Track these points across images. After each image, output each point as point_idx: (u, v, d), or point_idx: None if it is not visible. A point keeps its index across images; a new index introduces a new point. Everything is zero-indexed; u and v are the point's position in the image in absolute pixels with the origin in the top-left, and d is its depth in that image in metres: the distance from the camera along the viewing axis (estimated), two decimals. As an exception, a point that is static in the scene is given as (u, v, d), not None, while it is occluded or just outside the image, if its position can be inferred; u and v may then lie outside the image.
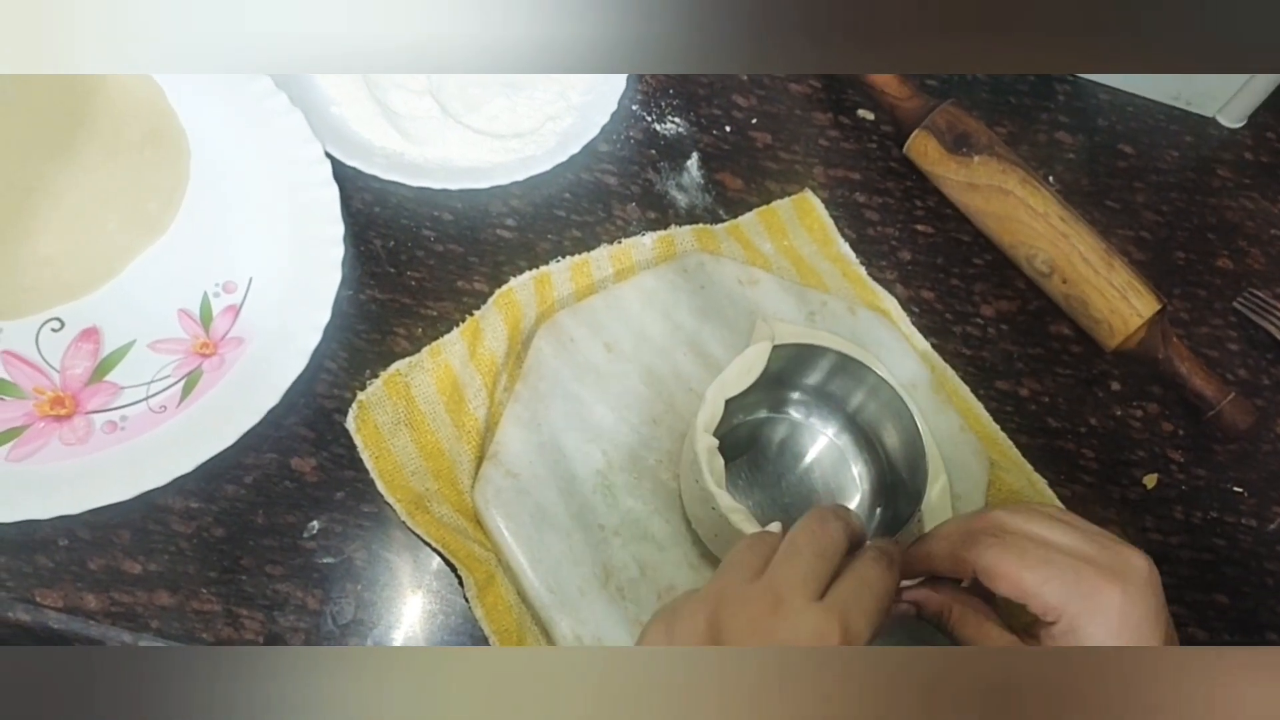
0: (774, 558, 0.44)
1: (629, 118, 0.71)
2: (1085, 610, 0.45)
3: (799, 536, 0.45)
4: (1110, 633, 0.44)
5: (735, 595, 0.43)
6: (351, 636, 0.54)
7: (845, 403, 0.59)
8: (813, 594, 0.43)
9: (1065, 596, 0.45)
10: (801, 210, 0.70)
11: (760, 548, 0.45)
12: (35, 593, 0.52)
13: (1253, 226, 0.77)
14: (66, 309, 0.58)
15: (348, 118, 0.66)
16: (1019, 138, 0.77)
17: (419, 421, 0.58)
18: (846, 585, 0.44)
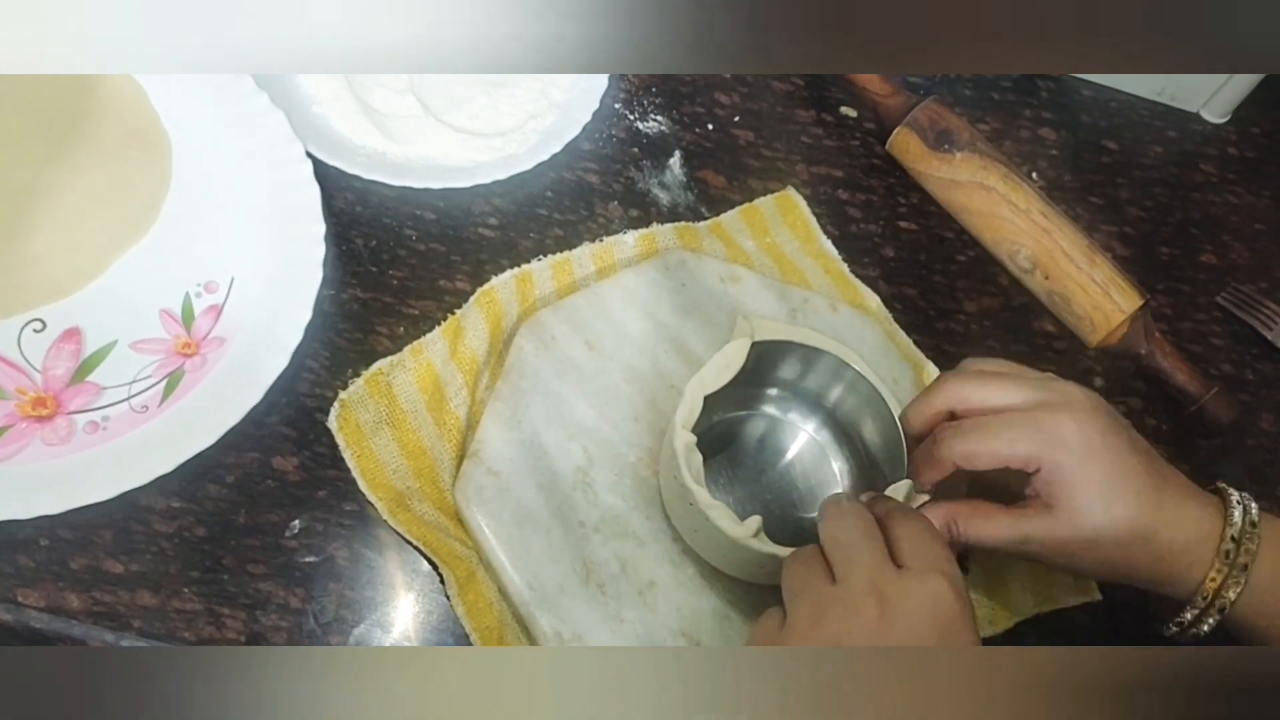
0: (834, 565, 0.46)
1: (611, 116, 0.72)
2: (1051, 447, 0.50)
3: (838, 534, 0.47)
4: (1077, 456, 0.50)
5: (833, 607, 0.44)
6: (333, 635, 0.54)
7: (824, 398, 0.59)
8: (894, 571, 0.45)
9: (1033, 444, 0.51)
10: (784, 208, 0.70)
11: (813, 565, 0.47)
12: (17, 592, 0.52)
13: (1237, 221, 0.77)
14: (48, 309, 0.58)
15: (329, 117, 0.66)
16: (1002, 134, 0.77)
17: (401, 420, 0.58)
18: (909, 547, 0.46)
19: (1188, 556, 0.51)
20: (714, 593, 0.56)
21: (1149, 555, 0.51)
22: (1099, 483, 0.50)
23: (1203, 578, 0.51)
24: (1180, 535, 0.51)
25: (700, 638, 0.55)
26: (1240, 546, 0.51)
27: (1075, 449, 0.50)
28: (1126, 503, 0.50)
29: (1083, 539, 0.51)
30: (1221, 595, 0.51)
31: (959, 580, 0.45)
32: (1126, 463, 0.51)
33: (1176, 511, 0.52)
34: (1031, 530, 0.51)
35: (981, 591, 0.59)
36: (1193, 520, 0.52)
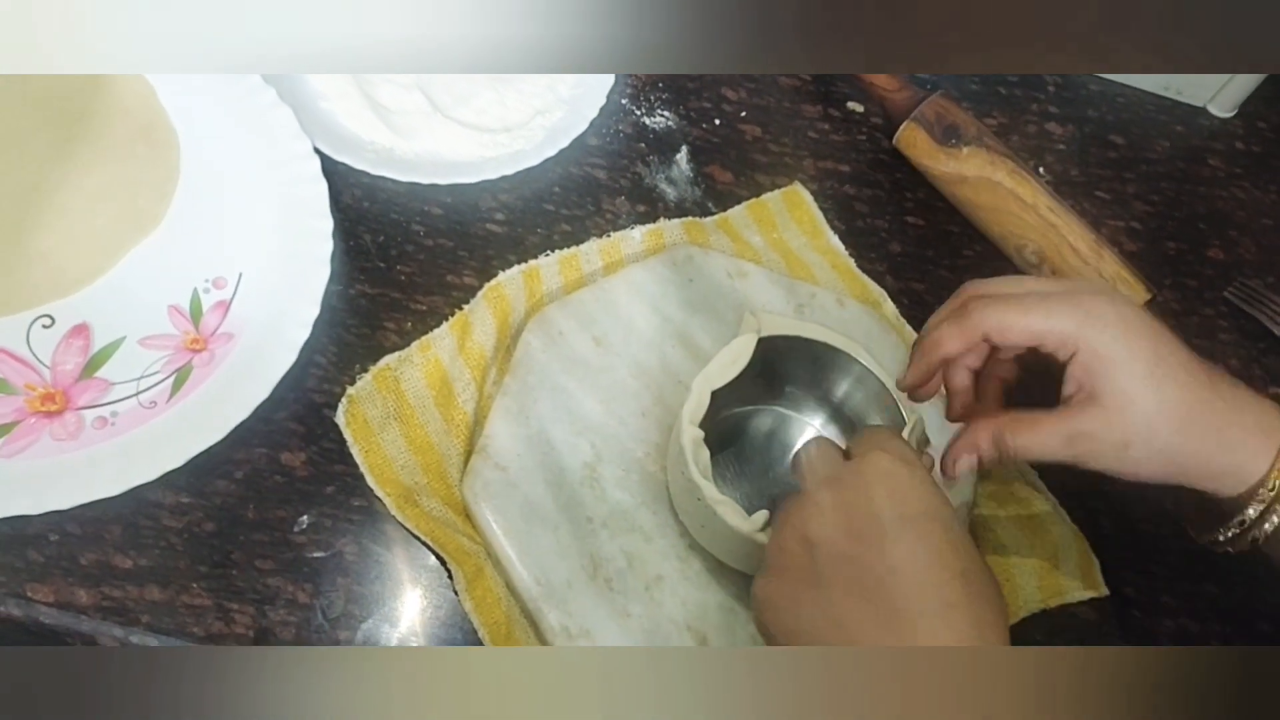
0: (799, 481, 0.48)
1: (618, 111, 0.72)
2: (1092, 328, 0.48)
3: (802, 458, 0.49)
4: (1117, 333, 0.47)
5: (796, 508, 0.47)
6: (342, 630, 0.54)
7: (831, 393, 0.59)
8: (843, 462, 0.48)
9: (1072, 322, 0.48)
10: (791, 203, 0.70)
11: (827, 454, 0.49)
12: (27, 587, 0.53)
13: (1244, 216, 0.77)
14: (57, 305, 0.58)
15: (337, 113, 0.67)
16: (1009, 129, 0.77)
17: (408, 415, 0.58)
18: (856, 445, 0.49)
19: (1250, 442, 0.48)
20: (720, 587, 0.56)
21: (1210, 441, 0.48)
22: (1145, 360, 0.47)
23: (1269, 467, 0.47)
24: (1240, 419, 0.48)
25: (707, 632, 0.55)
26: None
27: (1114, 326, 0.47)
28: (1178, 380, 0.47)
29: (1137, 426, 0.47)
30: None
31: (905, 453, 0.47)
32: (1169, 343, 0.48)
33: (1232, 394, 0.48)
34: (1082, 426, 0.48)
35: (988, 586, 0.59)
36: (1251, 405, 0.48)
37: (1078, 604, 0.60)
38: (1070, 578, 0.60)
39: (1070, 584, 0.60)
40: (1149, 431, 0.47)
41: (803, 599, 0.45)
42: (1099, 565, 0.61)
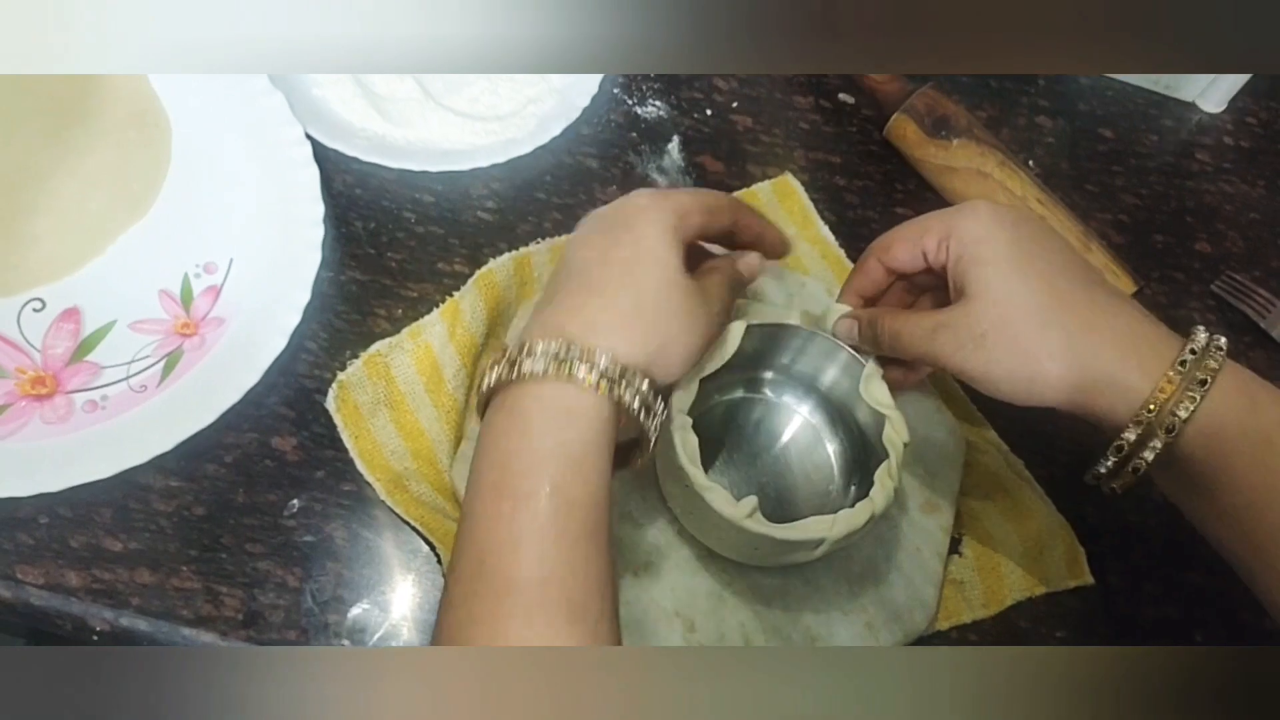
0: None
1: (610, 101, 0.72)
2: (962, 222, 0.49)
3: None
4: (986, 225, 0.48)
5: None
6: (331, 614, 0.55)
7: (818, 381, 0.59)
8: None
9: (944, 221, 0.50)
10: (782, 193, 0.71)
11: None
12: (17, 569, 0.53)
13: (1231, 210, 0.78)
14: (48, 289, 0.58)
15: (329, 99, 0.67)
16: (999, 121, 0.78)
17: (398, 401, 0.58)
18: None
19: (1128, 354, 0.45)
20: (709, 573, 0.56)
21: (1076, 346, 0.45)
22: (1009, 249, 0.47)
23: (1152, 387, 0.45)
24: (1120, 330, 0.46)
25: (695, 618, 0.55)
26: (1201, 362, 0.45)
27: (984, 220, 0.48)
28: (1044, 272, 0.46)
29: (993, 314, 0.46)
30: (1172, 412, 0.44)
31: (663, 192, 0.50)
32: (1044, 237, 0.48)
33: (1111, 304, 0.46)
34: (944, 317, 0.48)
35: (974, 575, 0.60)
36: (1136, 320, 0.46)
37: (1063, 592, 0.61)
38: (1056, 567, 0.60)
39: (1056, 573, 0.60)
40: (1004, 321, 0.46)
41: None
42: (1085, 554, 0.61)
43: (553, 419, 0.44)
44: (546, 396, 0.44)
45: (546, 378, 0.44)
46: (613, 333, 0.45)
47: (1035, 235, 0.48)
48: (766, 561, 0.55)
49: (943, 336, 0.48)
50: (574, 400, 0.44)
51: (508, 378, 0.45)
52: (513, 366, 0.44)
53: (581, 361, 0.44)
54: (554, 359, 0.44)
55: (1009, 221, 0.49)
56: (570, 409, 0.44)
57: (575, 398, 0.44)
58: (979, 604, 0.60)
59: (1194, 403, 0.45)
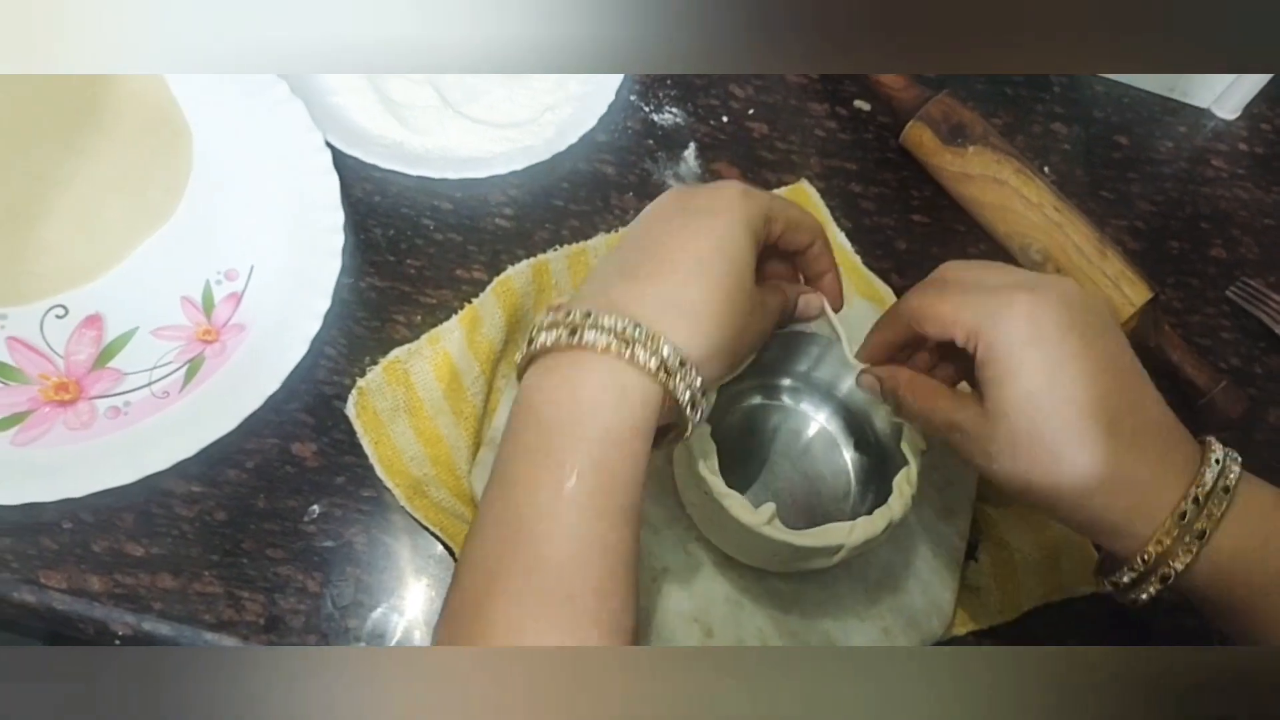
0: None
1: (627, 108, 0.72)
2: (996, 321, 0.46)
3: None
4: (1019, 338, 0.45)
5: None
6: (351, 619, 0.55)
7: (836, 388, 0.60)
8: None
9: (979, 314, 0.46)
10: (798, 200, 0.71)
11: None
12: (40, 574, 0.53)
13: (1246, 216, 0.78)
14: (71, 296, 0.59)
15: (348, 107, 0.67)
16: (1014, 128, 0.78)
17: (418, 408, 0.59)
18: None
19: (1136, 505, 0.45)
20: (726, 580, 0.56)
21: (1080, 492, 0.45)
22: (1036, 374, 0.45)
23: (1148, 538, 0.45)
24: (1131, 476, 0.45)
25: (712, 624, 0.55)
26: (1202, 511, 0.44)
27: (1020, 330, 0.45)
28: (1066, 411, 0.44)
29: (1005, 441, 0.45)
30: (1168, 563, 0.45)
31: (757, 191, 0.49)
32: (1081, 366, 0.45)
33: (1134, 443, 0.45)
34: (959, 416, 0.47)
35: (990, 581, 0.60)
36: (1153, 462, 0.45)
37: (1079, 599, 0.61)
38: (1073, 573, 0.61)
39: (1073, 579, 0.61)
40: (1013, 450, 0.45)
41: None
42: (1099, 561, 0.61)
43: (605, 395, 0.43)
44: (603, 371, 0.43)
45: (607, 351, 0.43)
46: (680, 323, 0.45)
47: (1070, 352, 0.45)
48: (784, 568, 0.55)
49: (955, 437, 0.48)
50: (629, 380, 0.44)
51: (566, 343, 0.44)
52: (573, 333, 0.44)
53: (645, 345, 0.43)
54: (618, 336, 0.43)
55: (1045, 333, 0.45)
56: (624, 388, 0.43)
57: (631, 378, 0.43)
58: (995, 610, 0.60)
59: (1191, 554, 0.45)
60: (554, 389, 0.44)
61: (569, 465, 0.42)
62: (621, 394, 0.43)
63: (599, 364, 0.44)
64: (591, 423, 0.43)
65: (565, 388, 0.44)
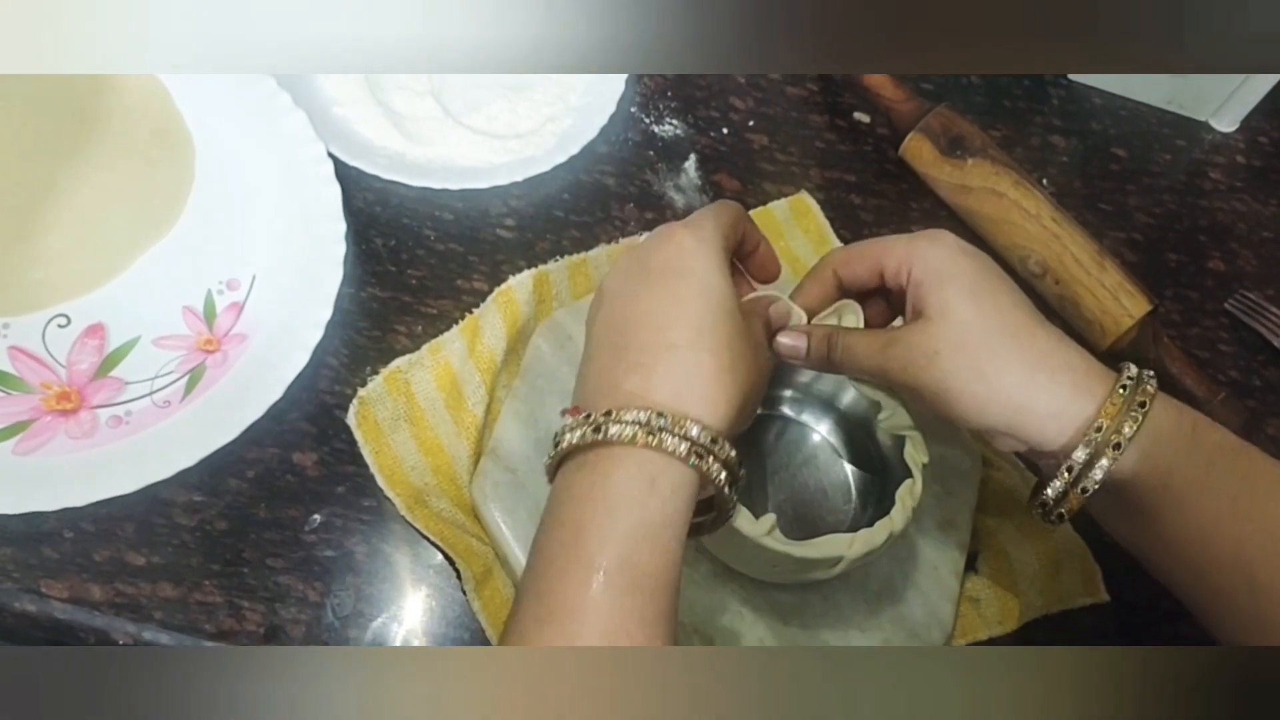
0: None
1: (627, 119, 0.72)
2: (923, 247, 0.50)
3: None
4: (949, 253, 0.50)
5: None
6: (352, 629, 0.55)
7: (837, 400, 0.60)
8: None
9: (905, 244, 0.51)
10: (798, 211, 0.71)
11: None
12: (41, 583, 0.53)
13: (1244, 229, 0.78)
14: (73, 305, 0.59)
15: (350, 118, 0.67)
16: (1013, 141, 0.78)
17: (418, 417, 0.59)
18: (694, 214, 0.51)
19: (1074, 384, 0.47)
20: (727, 590, 0.56)
21: (1028, 373, 0.47)
22: (969, 277, 0.49)
23: (1095, 410, 0.47)
24: (1065, 359, 0.48)
25: (713, 634, 0.55)
26: (1139, 386, 0.47)
27: (945, 247, 0.50)
28: (999, 302, 0.48)
29: (948, 334, 0.48)
30: (1117, 430, 0.46)
31: (700, 223, 0.49)
32: (999, 275, 0.50)
33: (1058, 339, 0.48)
34: (898, 334, 0.50)
35: (990, 592, 0.60)
36: (1079, 355, 0.48)
37: (1079, 610, 0.61)
38: (1072, 584, 0.61)
39: (1072, 590, 0.61)
40: (959, 341, 0.48)
41: (586, 341, 0.50)
42: (1100, 572, 0.61)
43: (636, 489, 0.43)
44: (631, 464, 0.43)
45: (634, 443, 0.43)
46: (698, 398, 0.45)
47: (993, 270, 0.50)
48: (785, 579, 0.56)
49: (895, 351, 0.50)
50: (659, 469, 0.43)
51: (592, 440, 0.44)
52: (597, 431, 0.43)
53: (672, 432, 0.43)
54: (643, 427, 0.43)
55: (970, 252, 0.50)
56: (654, 478, 0.43)
57: (661, 467, 0.43)
58: (995, 621, 0.60)
59: (1136, 422, 0.46)
60: (584, 487, 0.44)
61: (598, 563, 0.41)
62: (650, 485, 0.43)
63: (627, 457, 0.43)
64: (623, 520, 0.42)
65: (595, 485, 0.43)
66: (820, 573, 0.53)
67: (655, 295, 0.47)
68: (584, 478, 0.44)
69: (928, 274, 0.49)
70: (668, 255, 0.48)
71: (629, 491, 0.43)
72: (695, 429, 0.44)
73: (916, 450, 0.54)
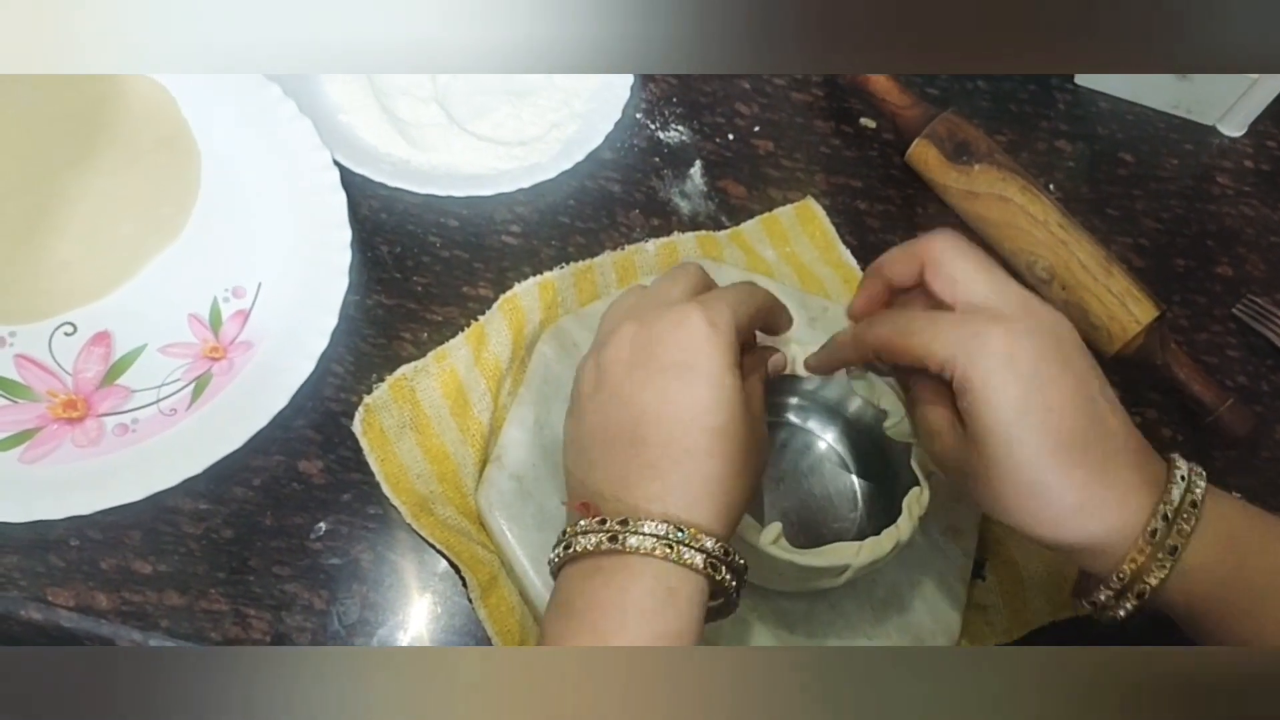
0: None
1: (633, 125, 0.72)
2: (970, 353, 0.45)
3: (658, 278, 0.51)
4: (995, 366, 0.45)
5: (610, 335, 0.49)
6: (357, 637, 0.55)
7: (843, 407, 0.60)
8: (661, 304, 0.48)
9: (953, 344, 0.46)
10: (804, 217, 0.71)
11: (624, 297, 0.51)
12: (47, 591, 0.53)
13: (1252, 233, 0.78)
14: (79, 313, 0.59)
15: (355, 125, 0.67)
16: (1019, 146, 0.78)
17: (424, 425, 0.59)
18: (713, 293, 0.50)
19: (1108, 527, 0.46)
20: (733, 598, 0.56)
21: (1057, 518, 0.46)
22: (1012, 406, 0.45)
23: (1123, 556, 0.46)
24: (1103, 499, 0.46)
25: (718, 643, 0.55)
26: (1172, 527, 0.45)
27: (996, 360, 0.45)
28: (1040, 440, 0.45)
29: (980, 467, 0.46)
30: (1142, 579, 0.46)
31: (718, 310, 0.47)
32: (1055, 395, 0.45)
33: (1104, 468, 0.46)
34: (949, 450, 0.48)
35: (998, 599, 0.60)
36: (1123, 484, 0.46)
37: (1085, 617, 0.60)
38: (1079, 592, 0.60)
39: (1079, 598, 0.60)
40: (987, 476, 0.46)
41: (581, 410, 0.48)
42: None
43: (654, 602, 0.43)
44: (649, 576, 0.43)
45: (651, 555, 0.43)
46: (713, 510, 0.44)
47: (1044, 382, 0.45)
48: (790, 587, 0.55)
49: (948, 465, 0.49)
50: (677, 581, 0.43)
51: (607, 547, 0.43)
52: (614, 540, 0.43)
53: (689, 545, 0.43)
54: (661, 541, 0.43)
55: (1021, 366, 0.45)
56: (672, 590, 0.43)
57: (679, 578, 0.43)
58: (1002, 629, 0.60)
59: (1165, 570, 0.45)
60: (600, 595, 0.44)
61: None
62: (669, 596, 0.43)
63: (644, 568, 0.43)
64: (641, 631, 0.42)
65: (611, 594, 0.43)
66: (826, 581, 0.53)
67: (668, 391, 0.46)
68: (600, 585, 0.44)
69: (968, 391, 0.46)
70: (680, 345, 0.46)
71: (648, 605, 0.43)
72: (710, 542, 0.44)
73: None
